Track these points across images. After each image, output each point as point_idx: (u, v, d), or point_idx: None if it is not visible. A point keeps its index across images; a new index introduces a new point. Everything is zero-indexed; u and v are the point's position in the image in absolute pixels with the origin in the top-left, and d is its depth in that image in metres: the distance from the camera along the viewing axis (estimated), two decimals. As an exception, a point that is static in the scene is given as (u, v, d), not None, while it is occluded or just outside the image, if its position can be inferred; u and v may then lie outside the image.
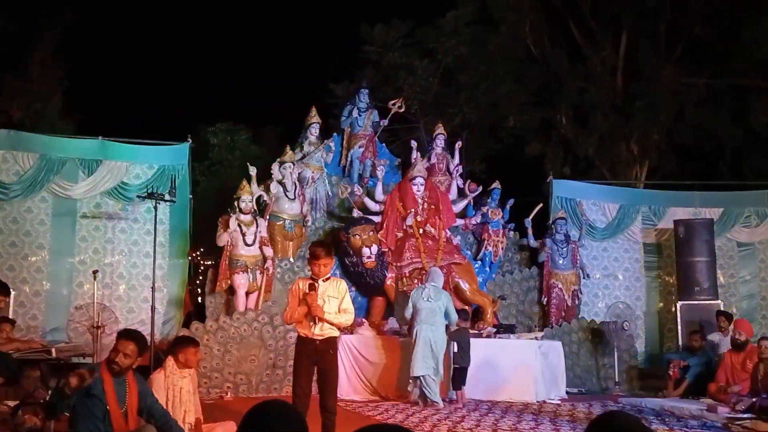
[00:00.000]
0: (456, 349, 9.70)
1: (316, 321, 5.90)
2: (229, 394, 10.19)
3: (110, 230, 11.88)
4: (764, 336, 9.38)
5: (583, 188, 14.71)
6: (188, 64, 27.76)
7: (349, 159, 13.76)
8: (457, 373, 9.72)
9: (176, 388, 5.82)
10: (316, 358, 5.93)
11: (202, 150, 19.21)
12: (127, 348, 4.80)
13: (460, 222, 13.03)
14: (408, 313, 9.75)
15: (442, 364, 9.52)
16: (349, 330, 10.56)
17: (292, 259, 11.92)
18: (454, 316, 9.72)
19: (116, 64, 25.12)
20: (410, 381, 9.60)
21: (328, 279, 6.09)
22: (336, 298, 6.00)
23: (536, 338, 11.31)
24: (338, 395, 9.73)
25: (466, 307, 11.36)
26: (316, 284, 5.98)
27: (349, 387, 10.30)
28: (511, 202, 13.59)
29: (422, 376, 9.43)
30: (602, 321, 12.74)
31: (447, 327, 9.74)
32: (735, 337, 9.75)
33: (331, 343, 6.00)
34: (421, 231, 12.15)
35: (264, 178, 12.21)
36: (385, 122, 13.95)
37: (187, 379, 6.00)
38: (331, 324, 5.96)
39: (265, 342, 10.60)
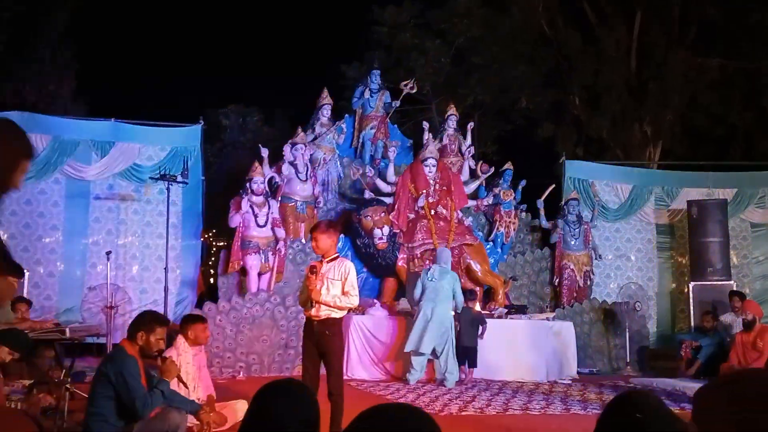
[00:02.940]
0: (459, 328, 9.73)
1: (313, 303, 5.88)
2: (241, 373, 10.24)
3: (123, 211, 11.95)
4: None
5: (596, 169, 14.66)
6: (200, 45, 27.78)
7: (360, 140, 13.75)
8: (463, 352, 9.75)
9: (189, 366, 5.86)
10: (316, 339, 5.92)
11: (214, 132, 19.27)
12: (163, 334, 4.83)
13: (471, 203, 13.03)
14: (417, 294, 9.77)
15: (443, 343, 9.52)
16: (361, 310, 10.60)
17: (303, 240, 11.95)
18: (460, 298, 9.73)
19: (127, 45, 25.16)
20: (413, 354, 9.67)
21: (333, 260, 6.02)
22: (338, 280, 5.91)
23: (548, 319, 11.32)
24: (350, 375, 9.89)
25: (476, 288, 11.35)
26: (320, 265, 5.95)
27: (361, 367, 10.34)
28: (523, 183, 13.56)
29: (411, 351, 9.51)
30: (614, 302, 12.74)
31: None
32: (744, 318, 9.73)
33: (330, 324, 5.89)
34: (432, 212, 12.14)
35: (276, 159, 12.22)
36: (396, 103, 13.92)
37: (197, 356, 6.05)
38: (330, 306, 5.88)
39: (277, 322, 10.64)
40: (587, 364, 11.96)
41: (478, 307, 10.21)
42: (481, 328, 9.96)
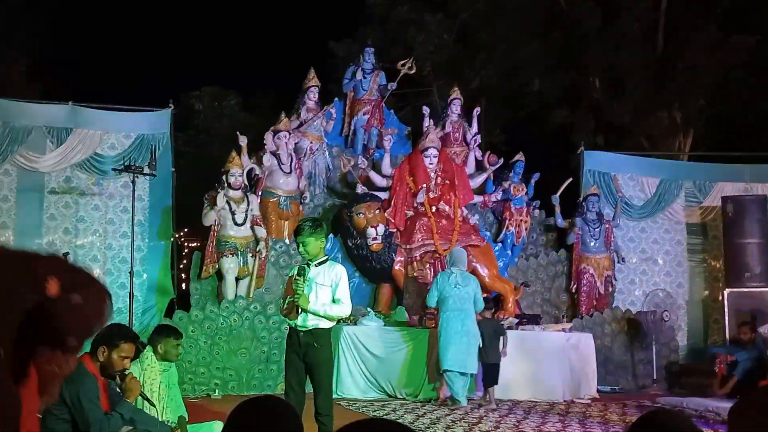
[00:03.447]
0: (481, 344, 9.64)
1: (299, 311, 5.82)
2: (216, 392, 10.19)
3: (82, 208, 11.88)
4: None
5: (619, 160, 14.64)
6: (169, 20, 27.61)
7: (352, 127, 13.70)
8: (486, 370, 9.66)
9: (154, 383, 5.78)
10: (301, 353, 5.88)
11: (185, 117, 19.19)
12: (130, 351, 4.76)
13: (478, 199, 12.99)
14: (432, 301, 9.70)
15: (475, 358, 9.46)
16: (353, 320, 10.54)
17: (287, 241, 11.89)
18: (481, 305, 9.68)
19: (87, 21, 25.01)
20: (439, 376, 9.59)
21: (322, 263, 5.99)
22: (327, 286, 5.90)
23: (564, 330, 11.31)
24: (340, 393, 9.84)
25: (487, 296, 11.30)
26: (307, 269, 5.90)
27: (353, 384, 10.30)
28: (536, 176, 13.53)
29: (448, 370, 9.38)
30: (639, 311, 12.75)
31: None
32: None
33: (318, 335, 5.88)
34: (433, 209, 12.11)
35: (256, 149, 12.18)
36: (393, 86, 13.86)
37: (167, 373, 5.98)
38: (318, 315, 5.86)
39: (257, 334, 10.59)
40: (609, 382, 11.95)
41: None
42: (501, 339, 9.89)
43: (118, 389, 4.83)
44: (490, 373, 9.66)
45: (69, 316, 2.46)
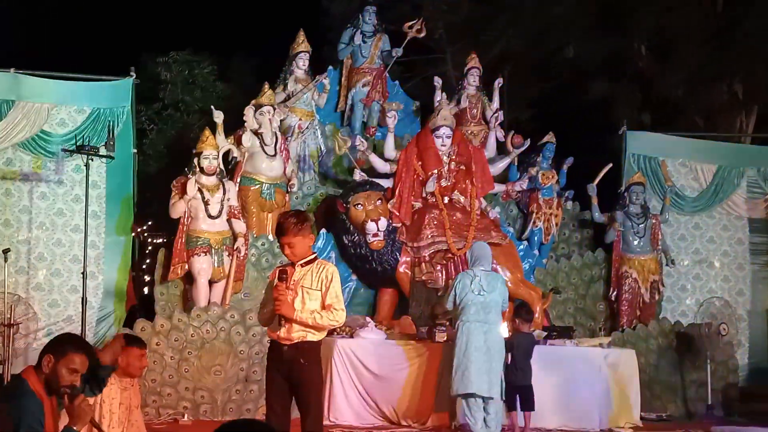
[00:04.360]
0: (511, 360, 9.66)
1: (282, 321, 5.86)
2: (186, 416, 10.24)
3: (26, 196, 11.92)
4: None
5: (668, 143, 14.67)
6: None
7: (349, 102, 13.75)
8: (519, 392, 9.67)
9: (114, 403, 5.84)
10: (286, 370, 5.91)
11: (150, 88, 19.12)
12: (79, 363, 4.58)
13: (499, 188, 13.03)
14: (449, 306, 9.72)
15: (500, 380, 9.45)
16: (348, 332, 10.59)
17: (270, 237, 11.93)
18: (506, 306, 9.69)
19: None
20: (459, 399, 9.58)
21: (309, 263, 6.01)
22: (316, 290, 5.91)
23: (601, 345, 11.32)
24: (333, 419, 9.90)
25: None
26: (291, 270, 5.95)
27: (347, 409, 10.31)
28: (569, 161, 13.57)
29: (470, 395, 9.37)
30: (691, 323, 12.77)
31: None
32: None
33: (304, 349, 5.89)
34: (446, 200, 12.14)
35: (234, 126, 12.21)
36: (398, 51, 13.89)
37: (128, 392, 6.04)
38: (306, 326, 5.88)
39: (234, 348, 10.63)
40: (655, 407, 11.97)
41: (505, 331, 10.16)
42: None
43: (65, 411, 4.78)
44: (523, 397, 9.65)
45: None
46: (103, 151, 10.97)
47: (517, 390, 9.63)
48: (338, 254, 12.13)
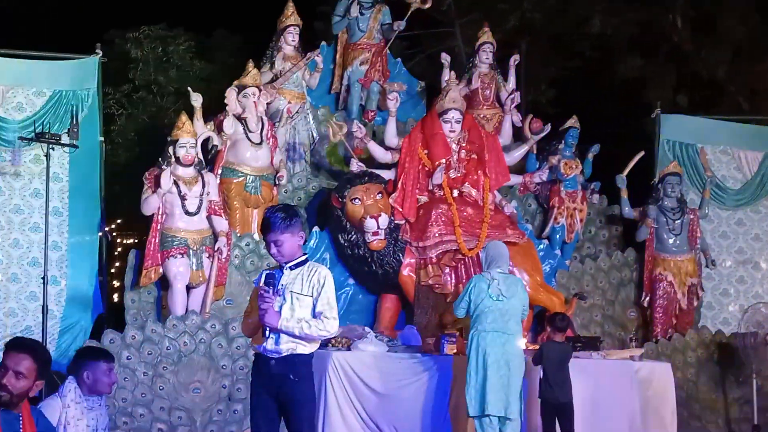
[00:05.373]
0: (543, 374, 9.67)
1: (268, 331, 5.87)
2: (161, 439, 10.27)
3: (-22, 190, 11.94)
4: None
5: (707, 128, 14.71)
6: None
7: (345, 82, 13.77)
8: (556, 411, 9.66)
9: (80, 425, 5.86)
10: (274, 387, 5.92)
11: (119, 68, 19.17)
12: (20, 364, 4.73)
13: (516, 180, 13.04)
14: (461, 313, 9.71)
15: (520, 398, 9.45)
16: (345, 344, 10.60)
17: (256, 236, 11.95)
18: (526, 313, 9.70)
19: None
20: (471, 419, 9.56)
21: (299, 265, 6.02)
22: (307, 296, 5.93)
23: (633, 358, 11.33)
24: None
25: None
26: (279, 275, 5.95)
27: (345, 430, 10.32)
28: (595, 149, 13.59)
29: (483, 415, 9.37)
30: (734, 332, 12.76)
31: None
32: None
33: (294, 364, 5.90)
34: (455, 193, 12.14)
35: (215, 111, 12.23)
36: (401, 25, 13.89)
37: (95, 412, 6.05)
38: (295, 337, 5.88)
39: (216, 362, 10.65)
40: (693, 427, 12.02)
41: (523, 343, 10.16)
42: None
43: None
44: (559, 416, 9.61)
45: None
46: (65, 139, 10.96)
47: (555, 409, 9.62)
48: (333, 255, 12.15)
